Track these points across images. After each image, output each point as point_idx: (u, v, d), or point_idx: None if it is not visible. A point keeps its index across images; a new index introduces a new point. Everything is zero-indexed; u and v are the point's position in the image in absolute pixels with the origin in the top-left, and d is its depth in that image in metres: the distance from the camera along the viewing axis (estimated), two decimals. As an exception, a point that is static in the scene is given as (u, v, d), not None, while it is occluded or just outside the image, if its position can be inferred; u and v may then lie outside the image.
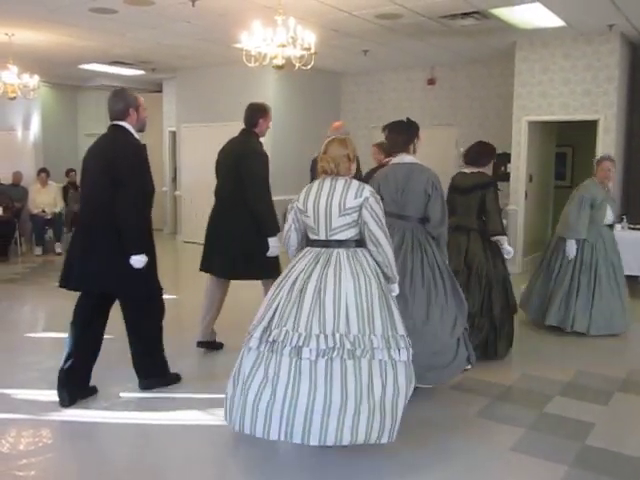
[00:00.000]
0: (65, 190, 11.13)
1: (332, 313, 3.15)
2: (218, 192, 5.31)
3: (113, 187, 3.89)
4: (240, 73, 9.57)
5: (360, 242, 3.38)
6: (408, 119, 4.68)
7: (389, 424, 3.10)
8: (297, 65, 6.63)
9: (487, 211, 4.98)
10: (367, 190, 3.34)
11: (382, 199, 3.57)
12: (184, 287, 8.47)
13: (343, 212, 3.30)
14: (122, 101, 4.28)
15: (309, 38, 6.32)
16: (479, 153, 5.28)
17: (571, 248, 5.80)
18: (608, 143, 8.26)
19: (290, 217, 3.54)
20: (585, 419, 3.89)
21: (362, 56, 9.76)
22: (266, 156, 5.09)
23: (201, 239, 5.46)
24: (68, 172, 11.57)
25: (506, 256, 5.00)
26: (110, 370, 4.67)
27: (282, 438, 3.07)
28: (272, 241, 4.83)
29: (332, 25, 7.84)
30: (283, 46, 6.26)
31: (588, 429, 3.73)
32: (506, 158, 9.45)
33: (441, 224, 4.14)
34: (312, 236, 3.43)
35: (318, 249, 3.37)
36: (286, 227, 3.59)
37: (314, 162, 5.82)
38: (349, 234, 3.34)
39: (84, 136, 14.55)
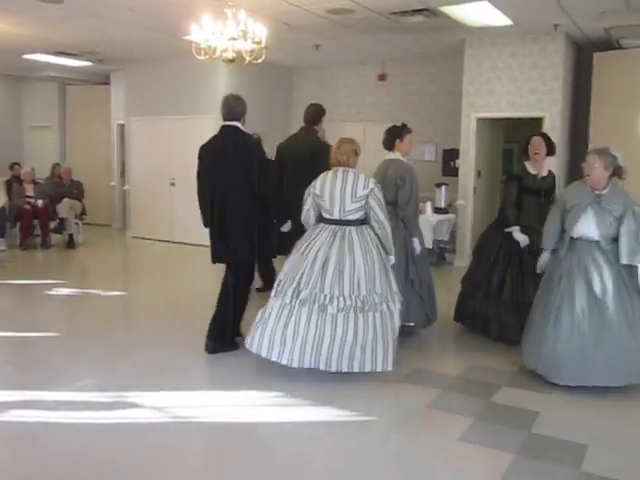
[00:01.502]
0: (9, 184, 10.79)
1: (348, 280, 4.23)
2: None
3: (248, 175, 4.71)
4: (191, 66, 9.44)
5: (364, 221, 4.43)
6: (403, 124, 5.56)
7: (386, 355, 4.27)
8: (248, 59, 6.58)
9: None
10: (372, 182, 4.41)
11: None
12: (134, 284, 8.34)
13: (355, 199, 4.35)
14: (242, 106, 5.03)
15: (260, 32, 6.29)
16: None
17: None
18: (553, 140, 8.44)
19: (309, 200, 4.53)
20: (530, 408, 3.99)
21: (314, 51, 9.76)
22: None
23: (151, 235, 5.39)
24: (12, 166, 11.21)
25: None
26: (55, 369, 4.58)
27: (312, 366, 4.21)
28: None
29: (283, 19, 7.81)
30: (233, 39, 6.21)
31: (533, 417, 3.83)
32: (455, 154, 9.61)
33: (404, 208, 5.15)
34: (326, 215, 4.45)
35: (333, 226, 4.40)
36: (305, 208, 4.56)
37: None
38: (357, 215, 4.40)
39: (29, 128, 14.18)
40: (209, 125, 10.59)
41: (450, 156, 9.98)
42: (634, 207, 4.29)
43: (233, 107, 4.96)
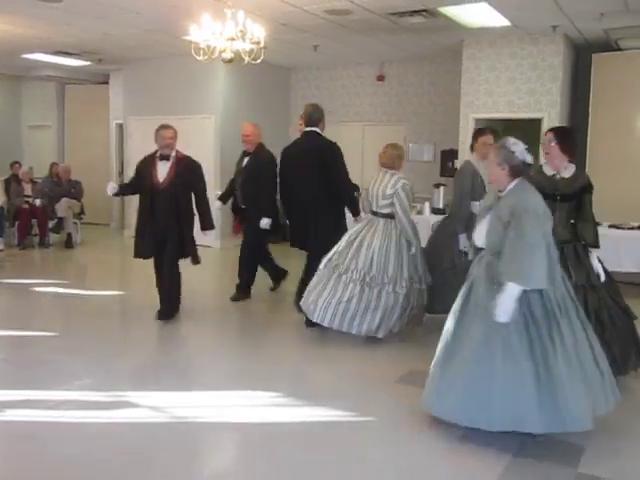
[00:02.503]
0: (7, 183, 10.78)
1: (363, 259, 5.16)
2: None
3: (324, 175, 5.53)
4: (190, 66, 9.45)
5: (392, 215, 5.28)
6: (480, 128, 6.00)
7: (379, 326, 5.16)
8: (246, 59, 6.58)
9: None
10: (400, 184, 5.23)
11: None
12: (132, 283, 8.33)
13: (384, 197, 5.28)
14: (319, 113, 5.76)
15: (258, 32, 6.29)
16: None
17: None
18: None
19: (364, 194, 5.57)
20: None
21: (312, 51, 9.76)
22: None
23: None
24: (12, 164, 11.20)
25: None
26: (53, 368, 4.58)
27: (331, 326, 5.18)
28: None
29: (282, 19, 7.81)
30: (232, 39, 6.22)
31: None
32: (453, 154, 9.61)
33: (452, 206, 5.77)
34: (370, 207, 5.45)
35: (371, 217, 5.41)
36: (361, 200, 5.69)
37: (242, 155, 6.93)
38: (386, 210, 5.30)
39: (28, 128, 14.18)
40: (208, 125, 10.63)
41: (448, 157, 9.98)
42: (522, 214, 3.37)
43: (311, 114, 5.73)
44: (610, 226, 7.50)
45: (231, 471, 3.24)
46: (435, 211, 9.13)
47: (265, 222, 6.45)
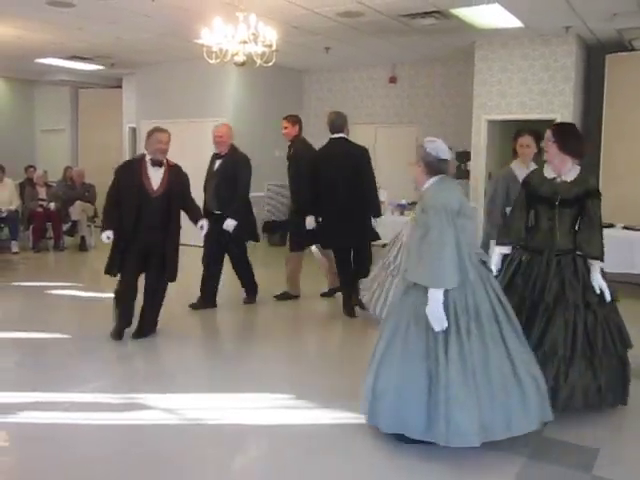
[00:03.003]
0: (22, 187, 10.88)
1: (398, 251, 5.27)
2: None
3: (358, 177, 6.00)
4: (202, 69, 9.47)
5: None
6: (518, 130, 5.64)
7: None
8: (258, 62, 6.60)
9: None
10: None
11: None
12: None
13: None
14: (341, 119, 6.30)
15: (270, 35, 6.31)
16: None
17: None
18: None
19: None
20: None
21: (324, 54, 9.77)
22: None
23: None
24: (27, 168, 11.30)
25: None
26: (68, 371, 4.61)
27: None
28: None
29: (294, 22, 7.83)
30: (244, 43, 6.24)
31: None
32: (466, 156, 9.58)
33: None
34: None
35: None
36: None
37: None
38: None
39: (41, 132, 14.29)
40: (220, 128, 10.66)
41: (461, 158, 9.95)
42: (429, 211, 3.30)
43: (334, 121, 6.24)
44: (624, 227, 7.45)
45: (243, 474, 3.24)
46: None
47: (229, 224, 6.16)
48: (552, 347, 3.72)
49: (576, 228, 3.95)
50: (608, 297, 3.83)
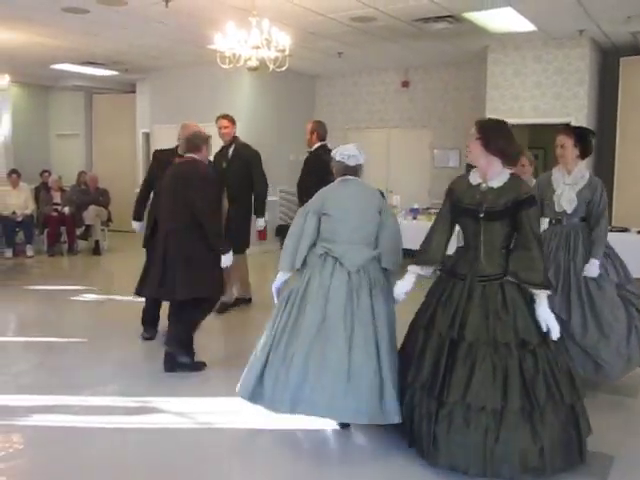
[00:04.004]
0: (37, 191, 10.97)
1: None
2: None
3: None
4: (214, 74, 9.52)
5: None
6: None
7: None
8: (271, 67, 6.62)
9: None
10: None
11: None
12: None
13: None
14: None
15: (283, 40, 6.32)
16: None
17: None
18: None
19: None
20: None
21: (337, 58, 9.78)
22: None
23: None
24: (42, 173, 11.40)
25: None
26: (83, 373, 4.63)
27: None
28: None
29: (307, 27, 7.85)
30: (257, 48, 6.26)
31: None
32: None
33: None
34: None
35: None
36: None
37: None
38: None
39: (55, 137, 14.40)
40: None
41: (474, 162, 9.91)
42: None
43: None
44: (639, 232, 7.39)
45: (251, 476, 3.24)
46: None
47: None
48: (476, 399, 2.99)
49: (511, 247, 3.23)
50: (554, 335, 3.07)
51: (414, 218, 8.57)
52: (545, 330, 3.08)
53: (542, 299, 3.10)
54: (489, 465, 2.97)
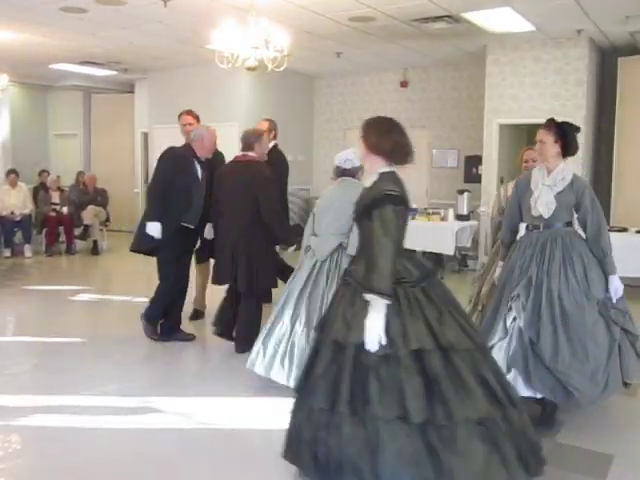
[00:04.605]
0: (35, 191, 10.97)
1: None
2: None
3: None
4: (213, 74, 9.52)
5: None
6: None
7: None
8: (270, 67, 6.61)
9: None
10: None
11: None
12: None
13: None
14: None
15: (282, 40, 6.31)
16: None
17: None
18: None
19: None
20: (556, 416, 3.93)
21: (335, 58, 9.78)
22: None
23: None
24: (40, 173, 11.40)
25: None
26: (82, 374, 4.63)
27: None
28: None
29: (305, 27, 7.85)
30: (256, 48, 6.25)
31: (558, 426, 3.77)
32: (477, 160, 9.55)
33: None
34: None
35: None
36: None
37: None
38: None
39: (54, 136, 14.39)
40: (231, 132, 10.68)
41: (472, 162, 9.93)
42: None
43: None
44: (638, 231, 7.40)
45: (252, 477, 3.24)
46: (459, 217, 9.09)
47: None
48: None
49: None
50: (372, 347, 2.57)
51: (412, 218, 8.58)
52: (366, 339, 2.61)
53: (372, 307, 2.63)
54: None
